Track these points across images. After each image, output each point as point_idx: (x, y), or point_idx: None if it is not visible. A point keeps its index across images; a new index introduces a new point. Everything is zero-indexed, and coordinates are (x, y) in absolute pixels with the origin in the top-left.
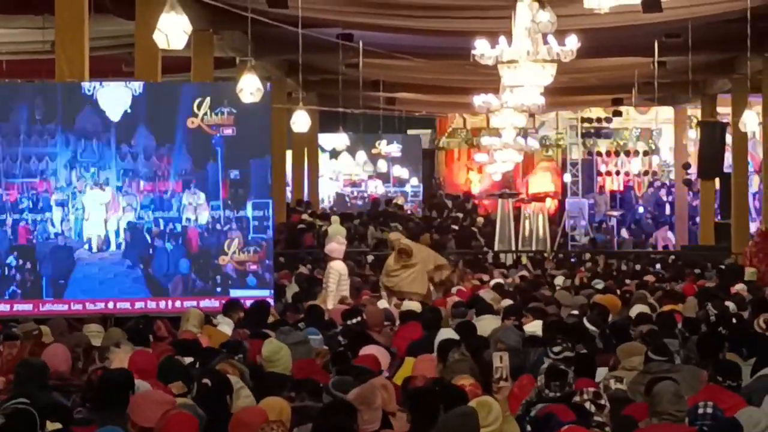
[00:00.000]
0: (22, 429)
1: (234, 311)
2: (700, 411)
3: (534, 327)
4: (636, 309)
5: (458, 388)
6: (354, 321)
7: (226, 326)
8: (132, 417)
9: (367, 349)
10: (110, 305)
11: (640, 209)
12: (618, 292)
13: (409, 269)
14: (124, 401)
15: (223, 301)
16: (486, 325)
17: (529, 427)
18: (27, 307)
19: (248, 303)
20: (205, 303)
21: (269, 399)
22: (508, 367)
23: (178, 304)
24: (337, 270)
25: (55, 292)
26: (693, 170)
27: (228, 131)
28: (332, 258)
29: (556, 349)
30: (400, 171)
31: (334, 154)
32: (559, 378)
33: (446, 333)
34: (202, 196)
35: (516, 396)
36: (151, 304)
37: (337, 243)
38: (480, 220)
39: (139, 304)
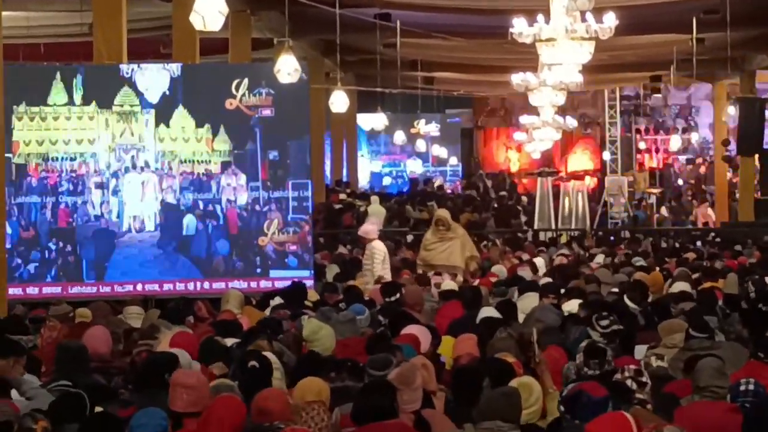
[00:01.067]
0: (73, 411)
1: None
2: (742, 388)
3: (571, 306)
4: (677, 287)
5: (506, 363)
6: (393, 298)
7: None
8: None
9: (409, 329)
10: (149, 287)
11: (680, 186)
12: (658, 269)
13: (446, 242)
14: (167, 383)
15: (262, 282)
16: (529, 303)
17: (562, 407)
18: (57, 289)
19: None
20: (245, 284)
21: (308, 379)
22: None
23: (218, 285)
24: (381, 250)
25: (95, 274)
26: (732, 147)
27: (266, 112)
28: (369, 239)
29: (604, 322)
30: (438, 150)
31: (373, 134)
32: (597, 356)
33: (487, 311)
34: (242, 177)
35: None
36: (191, 286)
37: (370, 224)
38: (524, 198)
39: (179, 286)
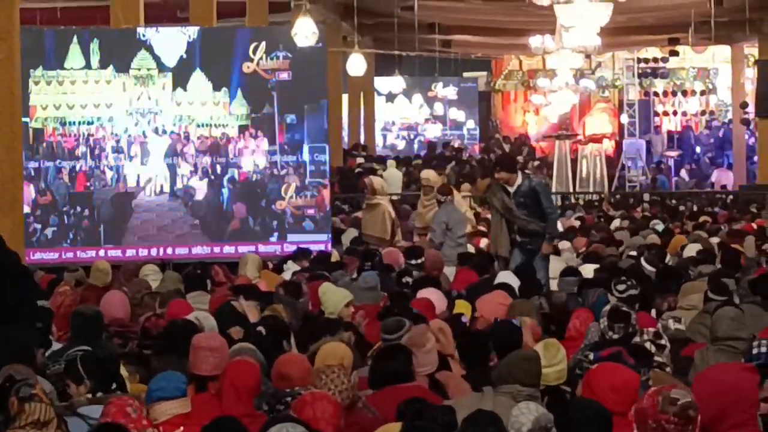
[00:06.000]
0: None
1: (303, 258)
2: (755, 351)
3: (588, 270)
4: (691, 249)
5: (515, 329)
6: (417, 261)
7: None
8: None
9: (423, 293)
10: (167, 251)
11: (698, 149)
12: (677, 232)
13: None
14: (186, 349)
15: (278, 246)
16: (551, 266)
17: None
18: (75, 254)
19: (310, 248)
20: (263, 248)
21: (331, 344)
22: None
23: (235, 249)
24: None
25: (113, 239)
26: (751, 109)
27: (284, 75)
28: None
29: (621, 287)
30: (456, 114)
31: (390, 97)
32: (622, 319)
33: (505, 276)
34: (259, 141)
35: (578, 329)
36: (208, 250)
37: None
38: (535, 163)
39: (196, 250)
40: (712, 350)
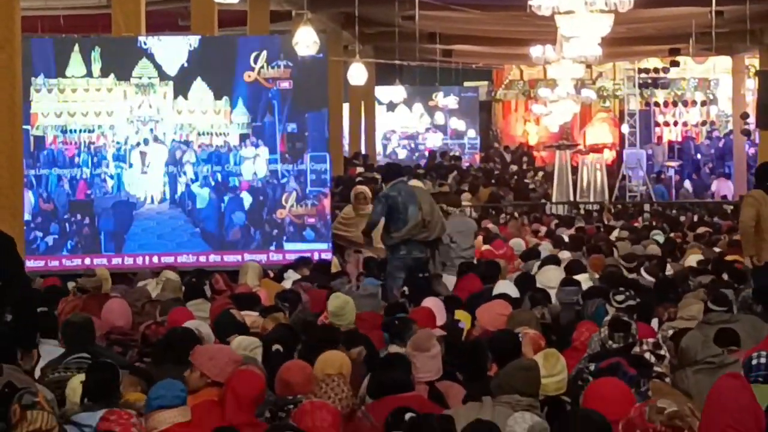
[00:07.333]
0: (107, 381)
1: (303, 267)
2: (754, 362)
3: (582, 279)
4: (691, 259)
5: (512, 339)
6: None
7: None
8: (204, 369)
9: (423, 302)
10: (168, 259)
11: (699, 159)
12: (677, 243)
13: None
14: (186, 358)
15: (279, 255)
16: (549, 276)
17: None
18: (75, 261)
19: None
20: (263, 256)
21: (329, 353)
22: None
23: (235, 257)
24: None
25: (114, 246)
26: (751, 120)
27: (285, 84)
28: None
29: (619, 297)
30: (457, 123)
31: (391, 106)
32: (622, 329)
33: (504, 285)
34: (260, 149)
35: (583, 342)
36: (209, 258)
37: None
38: (539, 174)
39: (196, 258)
40: (691, 371)
